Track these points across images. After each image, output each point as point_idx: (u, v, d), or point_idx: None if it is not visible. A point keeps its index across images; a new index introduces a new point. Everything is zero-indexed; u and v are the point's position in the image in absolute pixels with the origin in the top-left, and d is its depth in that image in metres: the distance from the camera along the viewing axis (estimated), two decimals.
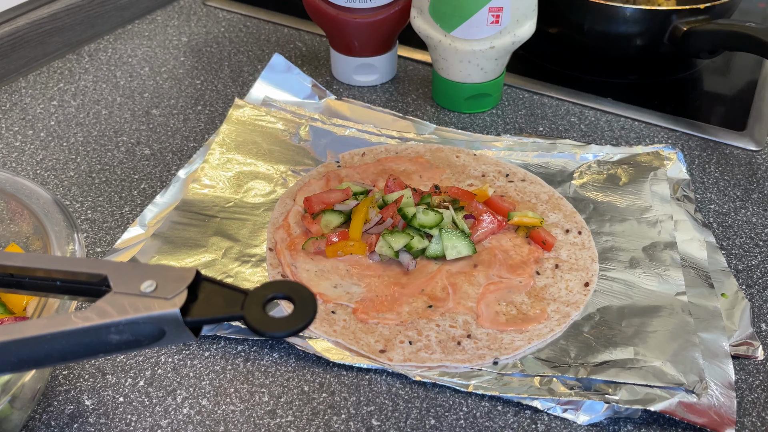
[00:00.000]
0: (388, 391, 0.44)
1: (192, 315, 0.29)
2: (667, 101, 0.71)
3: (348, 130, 0.65)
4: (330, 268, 0.51)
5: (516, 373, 0.44)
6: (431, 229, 0.52)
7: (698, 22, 0.67)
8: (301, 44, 0.81)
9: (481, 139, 0.64)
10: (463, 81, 0.66)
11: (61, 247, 0.41)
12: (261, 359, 0.46)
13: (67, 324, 0.28)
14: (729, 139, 0.66)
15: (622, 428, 0.42)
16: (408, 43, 0.79)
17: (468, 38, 0.63)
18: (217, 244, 0.52)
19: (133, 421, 0.42)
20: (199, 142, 0.66)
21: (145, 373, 0.45)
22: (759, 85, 0.74)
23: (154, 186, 0.60)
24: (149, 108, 0.70)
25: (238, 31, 0.84)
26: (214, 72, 0.76)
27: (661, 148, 0.62)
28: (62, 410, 0.43)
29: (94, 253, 0.54)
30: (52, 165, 0.62)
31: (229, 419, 0.42)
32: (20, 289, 0.33)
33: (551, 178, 0.60)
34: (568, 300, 0.49)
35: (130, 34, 0.83)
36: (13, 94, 0.72)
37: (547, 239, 0.53)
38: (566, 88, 0.73)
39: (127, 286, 0.29)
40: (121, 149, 0.64)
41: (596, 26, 0.71)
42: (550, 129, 0.67)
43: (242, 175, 0.59)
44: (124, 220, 0.57)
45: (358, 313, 0.48)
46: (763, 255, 0.54)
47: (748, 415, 0.43)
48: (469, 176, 0.60)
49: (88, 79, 0.75)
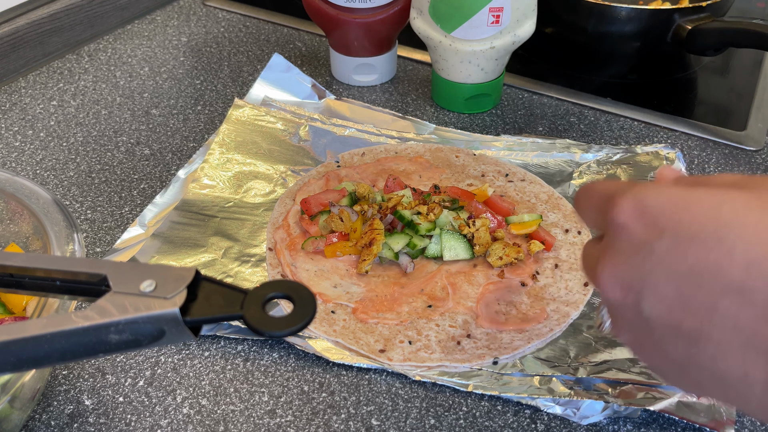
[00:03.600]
0: (387, 390, 0.44)
1: (191, 314, 0.29)
2: (667, 101, 0.71)
3: (348, 130, 0.65)
4: (330, 267, 0.51)
5: (515, 372, 0.44)
6: (429, 231, 0.52)
7: (701, 20, 0.67)
8: (300, 44, 0.81)
9: (481, 139, 0.64)
10: (463, 81, 0.66)
11: (61, 247, 0.41)
12: (261, 359, 0.46)
13: (66, 323, 0.28)
14: (728, 138, 0.66)
15: (622, 428, 0.42)
16: (408, 43, 0.79)
17: (468, 38, 0.63)
18: (216, 244, 0.52)
19: (132, 420, 0.42)
20: (199, 142, 0.66)
21: (144, 372, 0.45)
22: (759, 85, 0.74)
23: (154, 186, 0.60)
24: (149, 108, 0.70)
25: (238, 31, 0.84)
26: (214, 72, 0.76)
27: (661, 147, 0.62)
28: (62, 410, 0.43)
29: (94, 253, 0.54)
30: (52, 165, 0.62)
31: (229, 419, 0.42)
32: (20, 288, 0.33)
33: (551, 178, 0.60)
34: (567, 300, 0.49)
35: (130, 34, 0.83)
36: (12, 94, 0.72)
37: (547, 239, 0.53)
38: (566, 88, 0.73)
39: (127, 285, 0.30)
40: (121, 149, 0.64)
41: (596, 26, 0.71)
42: (549, 129, 0.67)
43: (242, 175, 0.59)
44: (124, 220, 0.57)
45: (358, 312, 0.48)
46: None
47: (747, 414, 0.43)
48: (469, 176, 0.60)
49: (87, 79, 0.75)
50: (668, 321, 0.27)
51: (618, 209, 0.29)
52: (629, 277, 0.28)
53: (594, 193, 0.32)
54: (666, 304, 0.27)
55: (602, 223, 0.31)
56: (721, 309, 0.26)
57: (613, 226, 0.29)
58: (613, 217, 0.29)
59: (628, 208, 0.29)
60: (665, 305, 0.27)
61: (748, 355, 0.25)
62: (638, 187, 0.29)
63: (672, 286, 0.27)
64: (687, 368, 0.28)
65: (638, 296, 0.28)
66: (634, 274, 0.28)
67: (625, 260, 0.29)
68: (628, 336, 0.30)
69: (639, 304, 0.28)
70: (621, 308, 0.29)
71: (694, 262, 0.26)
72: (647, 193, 0.28)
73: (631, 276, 0.28)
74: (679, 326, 0.27)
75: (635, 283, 0.28)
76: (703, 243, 0.26)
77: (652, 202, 0.28)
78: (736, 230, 0.25)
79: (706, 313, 0.26)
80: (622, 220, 0.29)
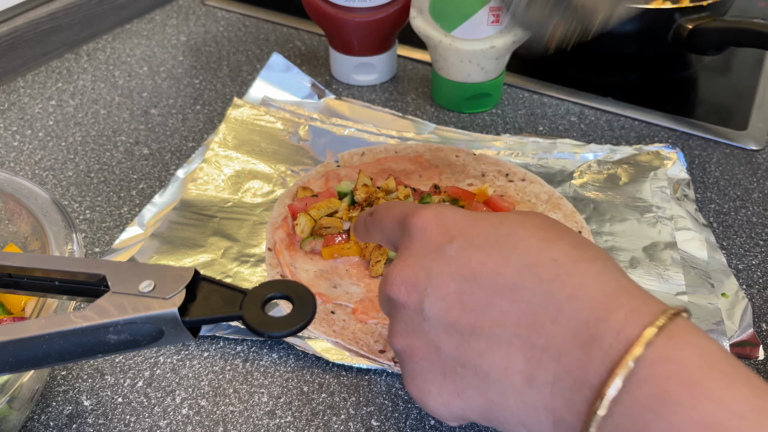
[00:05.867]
0: (387, 391, 0.44)
1: (190, 315, 0.29)
2: (668, 101, 0.71)
3: (347, 129, 0.65)
4: (329, 268, 0.51)
5: None
6: None
7: (702, 19, 0.67)
8: (300, 43, 0.81)
9: (481, 139, 0.64)
10: (463, 81, 0.66)
11: (60, 247, 0.40)
12: (260, 359, 0.46)
13: (65, 324, 0.28)
14: (729, 138, 0.66)
15: None
16: (407, 43, 0.79)
17: (468, 38, 0.63)
18: (215, 244, 0.52)
19: (132, 421, 0.42)
20: (198, 141, 0.65)
21: (143, 373, 0.45)
22: (760, 84, 0.74)
23: (153, 186, 0.60)
24: (148, 108, 0.70)
25: (237, 31, 0.84)
26: (213, 71, 0.76)
27: (662, 147, 0.62)
28: (61, 411, 0.43)
29: (93, 253, 0.54)
30: (51, 165, 0.62)
31: (228, 420, 0.42)
32: (18, 289, 0.32)
33: (551, 178, 0.59)
34: None
35: (129, 34, 0.83)
36: (11, 93, 0.72)
37: None
38: (566, 88, 0.73)
39: (126, 285, 0.29)
40: (120, 149, 0.64)
41: None
42: (550, 128, 0.67)
43: (241, 175, 0.59)
44: (123, 220, 0.56)
45: (358, 313, 0.48)
46: (763, 255, 0.54)
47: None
48: (469, 176, 0.59)
49: (86, 78, 0.74)
50: (446, 319, 0.31)
51: (419, 216, 0.34)
52: (416, 277, 0.32)
53: (397, 206, 0.37)
54: (447, 302, 0.31)
55: (399, 231, 0.35)
56: (495, 305, 0.29)
57: (411, 231, 0.34)
58: (414, 222, 0.34)
59: (428, 216, 0.34)
60: (446, 303, 0.31)
61: (511, 347, 0.29)
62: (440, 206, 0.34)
63: (454, 285, 0.31)
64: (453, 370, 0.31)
65: (422, 294, 0.31)
66: (422, 273, 0.32)
67: (415, 261, 0.32)
68: (402, 341, 0.33)
69: (422, 301, 0.31)
70: (402, 308, 0.33)
71: (476, 266, 0.30)
72: (446, 209, 0.34)
73: (419, 275, 0.32)
74: (455, 323, 0.30)
75: (421, 282, 0.32)
76: (485, 251, 0.31)
77: (449, 214, 0.33)
78: (512, 241, 0.31)
79: (480, 310, 0.30)
80: (422, 225, 0.33)
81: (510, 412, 0.30)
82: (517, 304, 0.29)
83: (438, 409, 0.32)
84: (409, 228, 0.34)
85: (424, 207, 0.34)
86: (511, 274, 0.29)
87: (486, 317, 0.30)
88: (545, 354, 0.28)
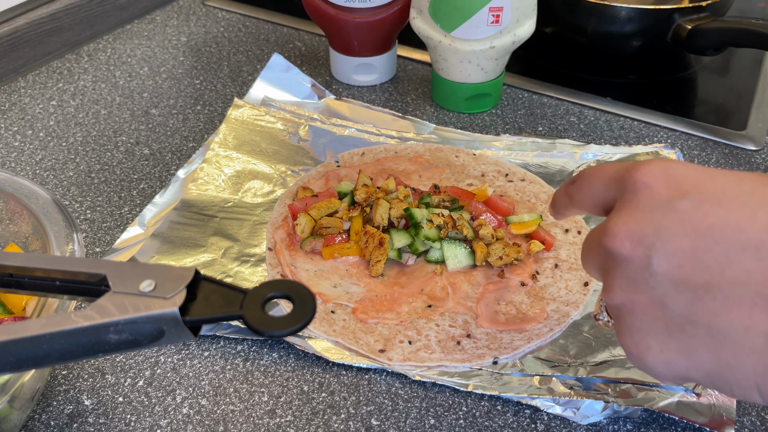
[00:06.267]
0: (387, 390, 0.44)
1: (191, 314, 0.29)
2: (667, 101, 0.71)
3: (347, 129, 0.65)
4: (329, 267, 0.51)
5: (515, 372, 0.44)
6: (434, 242, 0.51)
7: (701, 19, 0.67)
8: (300, 44, 0.81)
9: (481, 139, 0.64)
10: (463, 81, 0.66)
11: (60, 247, 0.41)
12: (260, 359, 0.46)
13: (66, 323, 0.28)
14: (728, 138, 0.66)
15: (622, 428, 0.42)
16: (407, 43, 0.79)
17: (468, 38, 0.63)
18: (216, 243, 0.52)
19: (132, 420, 0.42)
20: (199, 141, 0.65)
21: (144, 372, 0.45)
22: (759, 84, 0.74)
23: (154, 186, 0.60)
24: (148, 108, 0.70)
25: (237, 31, 0.84)
26: (214, 72, 0.76)
27: (661, 147, 0.62)
28: (62, 410, 0.43)
29: (94, 253, 0.54)
30: (52, 165, 0.62)
31: (229, 419, 0.42)
32: (19, 289, 0.33)
33: (551, 178, 0.60)
34: (567, 299, 0.49)
35: (129, 34, 0.83)
36: (12, 94, 0.72)
37: (547, 239, 0.53)
38: (566, 88, 0.73)
39: (126, 285, 0.29)
40: (121, 149, 0.64)
41: (596, 26, 0.71)
42: (549, 129, 0.67)
43: (241, 175, 0.59)
44: (124, 220, 0.57)
45: (358, 312, 0.48)
46: None
47: (747, 414, 0.43)
48: (469, 176, 0.60)
49: (87, 78, 0.75)
50: (676, 275, 0.29)
51: (643, 171, 0.32)
52: (642, 231, 0.30)
53: (608, 166, 0.35)
54: (678, 258, 0.29)
55: (615, 188, 0.33)
56: (736, 264, 0.28)
57: (635, 186, 0.32)
58: (636, 178, 0.32)
59: (654, 171, 0.31)
60: (677, 259, 0.29)
61: (755, 308, 0.27)
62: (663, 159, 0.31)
63: (688, 242, 0.29)
64: (680, 327, 0.29)
65: (649, 249, 0.30)
66: (649, 228, 0.30)
67: (641, 216, 0.31)
68: (621, 296, 0.31)
69: (649, 257, 0.30)
70: (625, 262, 0.31)
71: (716, 221, 0.28)
72: (673, 163, 0.32)
73: (645, 230, 0.30)
74: (687, 280, 0.29)
75: (648, 236, 0.30)
76: (726, 206, 0.29)
77: (678, 169, 0.31)
78: (758, 198, 0.28)
79: (718, 268, 0.28)
80: (646, 180, 0.31)
81: (745, 374, 0.28)
82: (763, 264, 0.27)
83: (656, 366, 0.31)
84: (632, 183, 0.32)
85: (646, 162, 0.32)
86: (758, 231, 0.28)
87: (725, 275, 0.28)
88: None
